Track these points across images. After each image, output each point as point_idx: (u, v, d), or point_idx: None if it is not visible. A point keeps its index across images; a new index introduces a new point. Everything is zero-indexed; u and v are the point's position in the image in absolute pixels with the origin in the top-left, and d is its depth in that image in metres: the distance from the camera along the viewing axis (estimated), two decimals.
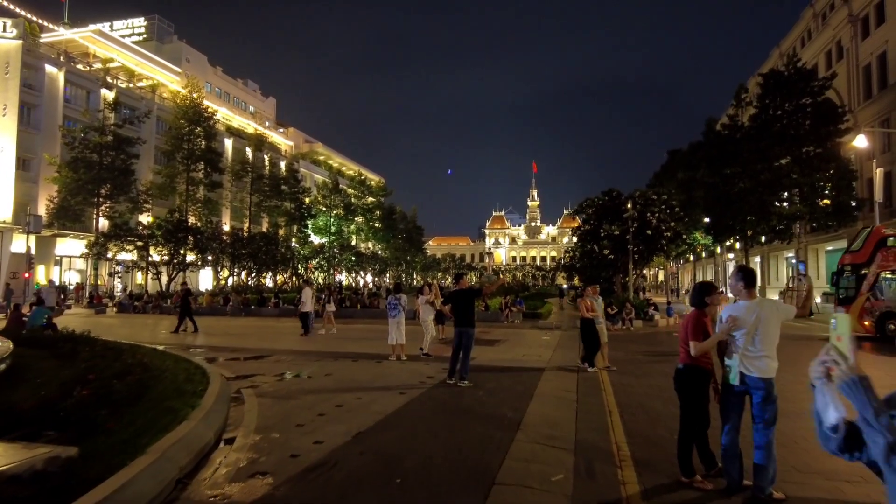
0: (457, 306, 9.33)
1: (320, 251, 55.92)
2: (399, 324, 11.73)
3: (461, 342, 9.28)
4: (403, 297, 12.06)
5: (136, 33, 61.97)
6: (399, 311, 11.75)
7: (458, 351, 9.25)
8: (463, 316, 9.35)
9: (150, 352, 10.41)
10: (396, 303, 11.77)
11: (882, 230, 18.82)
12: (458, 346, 9.26)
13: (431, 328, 12.73)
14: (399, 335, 11.69)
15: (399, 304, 11.76)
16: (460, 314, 9.32)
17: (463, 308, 9.35)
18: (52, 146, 42.56)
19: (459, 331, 9.28)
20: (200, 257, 39.22)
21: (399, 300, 11.84)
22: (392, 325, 11.74)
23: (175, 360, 9.46)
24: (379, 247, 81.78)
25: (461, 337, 9.26)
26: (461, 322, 9.30)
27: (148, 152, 51.71)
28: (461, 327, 9.29)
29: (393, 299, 11.92)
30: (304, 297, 18.08)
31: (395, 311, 11.75)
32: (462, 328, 9.30)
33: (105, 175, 40.37)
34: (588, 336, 11.50)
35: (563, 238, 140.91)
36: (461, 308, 9.35)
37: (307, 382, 9.10)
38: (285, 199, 57.93)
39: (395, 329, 11.69)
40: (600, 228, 31.90)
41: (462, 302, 9.37)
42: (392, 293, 12.46)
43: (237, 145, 62.91)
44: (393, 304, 11.80)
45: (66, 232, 42.83)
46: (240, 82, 74.92)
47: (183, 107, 47.93)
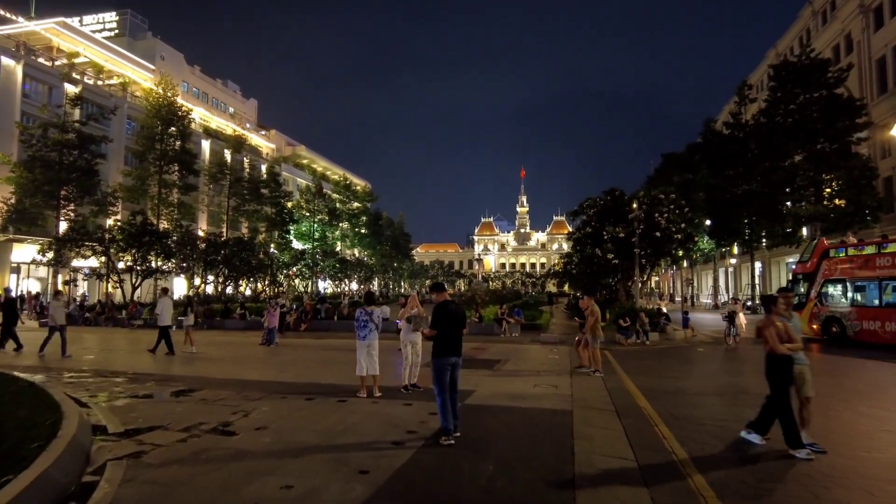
0: (447, 331, 6.47)
1: (301, 257, 52.78)
2: (370, 348, 8.80)
3: (454, 377, 6.45)
4: (378, 310, 9.07)
5: (107, 28, 58.74)
6: (371, 331, 8.81)
7: (452, 391, 6.41)
8: (456, 342, 6.51)
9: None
10: (367, 319, 8.79)
11: (825, 243, 21.11)
12: (452, 383, 6.42)
13: (411, 354, 9.65)
14: (371, 364, 8.76)
15: (371, 321, 8.82)
16: (452, 340, 6.48)
17: (456, 333, 6.53)
18: (7, 144, 39.15)
19: (450, 362, 6.43)
20: (167, 263, 35.94)
21: (371, 315, 8.86)
22: (361, 350, 8.79)
23: (28, 402, 6.45)
24: (365, 253, 78.85)
25: (454, 370, 6.43)
26: (452, 349, 6.45)
27: (118, 153, 48.51)
28: (452, 356, 6.45)
29: (362, 314, 8.90)
30: (161, 310, 14.99)
31: (364, 329, 8.79)
32: (454, 358, 6.47)
33: (66, 175, 37.11)
34: (781, 385, 6.20)
35: (552, 244, 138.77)
36: (453, 333, 6.52)
37: (227, 443, 6.13)
38: (266, 204, 55.33)
39: (365, 355, 8.75)
40: (602, 231, 29.20)
41: (455, 326, 6.54)
42: (361, 306, 9.30)
43: (215, 147, 59.82)
44: (363, 322, 8.83)
45: (22, 237, 39.42)
46: (219, 82, 71.76)
47: (155, 105, 44.84)
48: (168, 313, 15.03)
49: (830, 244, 20.89)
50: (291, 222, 56.76)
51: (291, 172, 76.41)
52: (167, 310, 15.03)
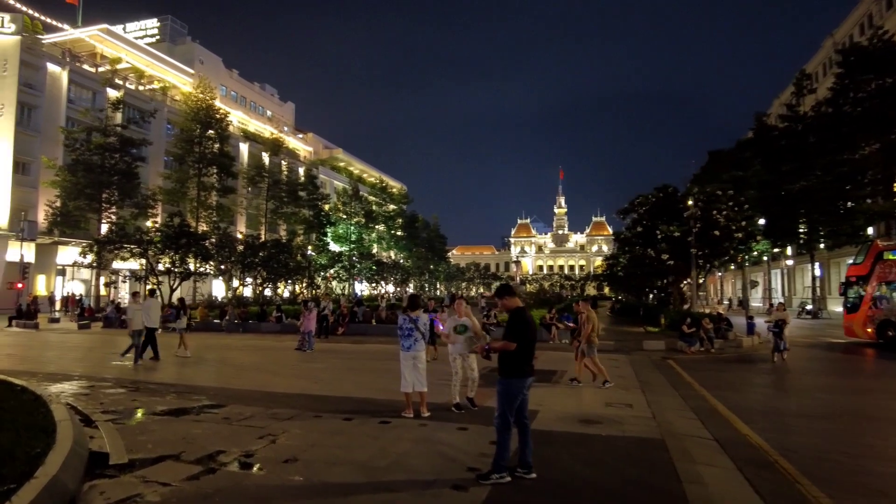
0: (527, 345, 5.17)
1: (338, 259, 52.30)
2: (416, 360, 7.53)
3: (524, 401, 5.16)
4: (424, 317, 7.79)
5: (148, 35, 59.70)
6: (416, 341, 7.54)
7: (521, 415, 5.12)
8: (532, 358, 5.21)
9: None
10: (412, 328, 7.52)
11: (879, 244, 20.70)
12: (521, 407, 5.12)
13: (462, 368, 8.20)
14: (417, 378, 7.48)
15: (415, 330, 7.54)
16: (530, 355, 5.18)
17: (533, 346, 5.23)
18: (52, 149, 39.85)
19: (527, 384, 5.13)
20: (205, 265, 35.71)
21: (416, 323, 7.56)
22: (405, 363, 7.53)
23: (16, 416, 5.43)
24: (400, 256, 78.14)
25: (523, 390, 5.13)
26: (530, 367, 5.16)
27: (157, 157, 49.05)
28: (530, 377, 5.16)
29: (406, 321, 7.66)
30: (147, 311, 13.95)
31: (408, 339, 7.53)
32: (531, 378, 5.18)
33: (107, 178, 37.44)
34: None
35: (591, 246, 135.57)
36: (532, 346, 5.23)
37: (247, 481, 4.96)
38: (303, 206, 55.26)
39: (411, 368, 7.48)
40: (655, 229, 27.34)
41: (534, 337, 5.25)
42: (405, 311, 7.93)
43: (253, 150, 60.10)
44: (406, 331, 7.56)
45: (67, 239, 39.98)
46: (256, 86, 72.25)
47: (194, 108, 45.04)
48: (155, 315, 14.27)
49: (885, 245, 20.59)
50: (328, 225, 56.55)
51: (328, 175, 76.45)
52: (154, 312, 14.28)
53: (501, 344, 5.08)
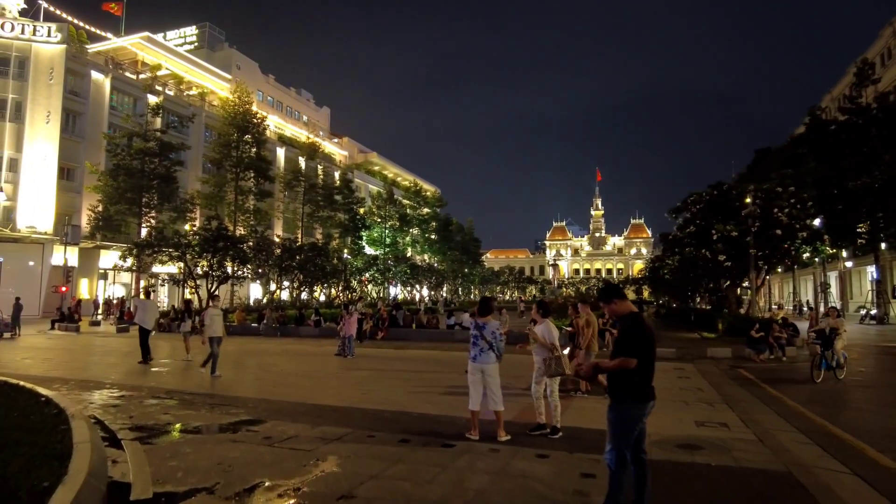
0: (649, 362, 4.07)
1: (374, 263, 51.79)
2: (485, 373, 6.42)
3: (642, 432, 4.06)
4: (493, 324, 6.56)
5: (187, 42, 60.59)
6: (482, 350, 6.42)
7: (637, 450, 4.03)
8: (651, 377, 4.10)
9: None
10: (477, 335, 6.43)
11: None
12: (638, 440, 4.03)
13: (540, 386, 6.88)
14: (491, 395, 6.40)
15: (481, 338, 6.42)
16: (651, 374, 4.07)
17: (653, 363, 4.10)
18: (96, 155, 40.50)
19: (648, 410, 4.04)
20: (243, 269, 35.49)
21: (482, 330, 6.43)
22: (473, 376, 6.46)
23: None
24: (434, 259, 77.32)
25: (642, 418, 4.03)
26: (651, 389, 4.07)
27: (196, 161, 49.49)
28: (651, 400, 4.06)
29: (473, 325, 6.60)
30: (142, 313, 13.88)
31: (474, 347, 6.44)
32: (652, 402, 4.08)
33: (147, 182, 37.72)
34: None
35: (630, 249, 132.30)
36: (653, 363, 4.10)
37: None
38: (339, 210, 55.02)
39: (477, 383, 6.40)
40: (711, 229, 25.67)
41: (654, 351, 4.12)
42: (475, 315, 6.73)
43: (289, 154, 60.29)
44: (473, 338, 6.49)
45: (108, 244, 40.48)
46: (293, 91, 72.64)
47: (231, 113, 45.20)
48: (151, 318, 13.91)
49: None
50: (364, 228, 56.19)
51: (363, 179, 76.33)
52: (151, 314, 13.93)
53: (617, 362, 3.96)
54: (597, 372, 4.14)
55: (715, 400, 9.72)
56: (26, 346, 18.98)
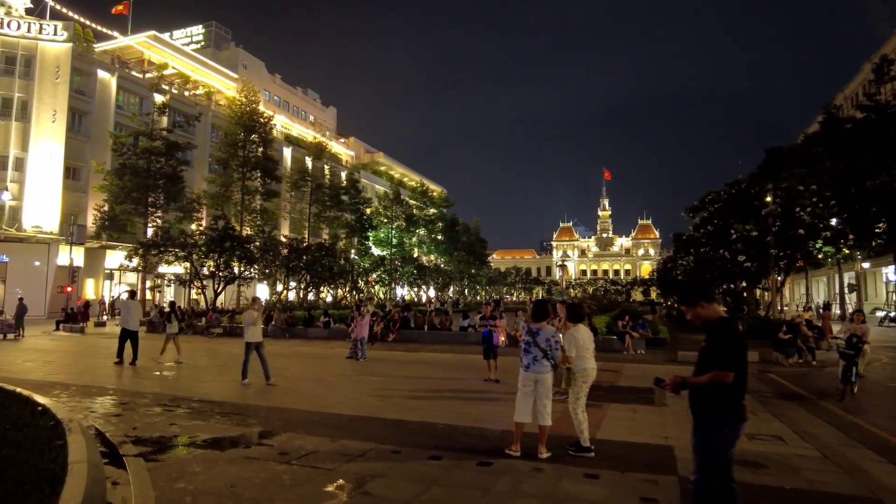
0: (745, 375, 3.42)
1: (381, 263, 51.29)
2: (540, 385, 5.81)
3: (732, 459, 3.44)
4: (550, 330, 5.91)
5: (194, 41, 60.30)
6: (535, 359, 5.79)
7: (727, 477, 3.41)
8: (744, 393, 3.46)
9: None
10: (530, 342, 5.78)
11: None
12: (727, 471, 3.41)
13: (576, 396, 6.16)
14: (541, 407, 5.79)
15: (534, 346, 5.78)
16: (745, 389, 3.43)
17: (746, 376, 3.46)
18: (102, 154, 40.13)
19: (735, 430, 3.42)
20: (249, 269, 35.01)
21: (535, 337, 5.80)
22: (525, 387, 5.83)
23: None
24: (441, 260, 76.74)
25: (734, 441, 3.42)
26: (742, 409, 3.43)
27: (202, 161, 49.11)
28: (743, 422, 3.43)
29: (525, 331, 5.92)
30: (125, 313, 13.78)
31: (527, 355, 5.83)
32: (744, 423, 3.44)
33: (153, 182, 37.31)
34: None
35: (637, 250, 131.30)
36: (746, 378, 3.45)
37: None
38: (345, 210, 54.58)
39: (528, 395, 5.79)
40: (729, 228, 24.98)
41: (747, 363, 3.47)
42: (530, 319, 6.07)
43: (296, 154, 59.89)
44: (525, 345, 5.86)
45: (114, 243, 40.11)
46: (299, 91, 72.23)
47: (238, 112, 44.78)
48: (136, 319, 13.66)
49: None
50: (370, 228, 55.72)
51: (370, 179, 75.86)
52: (135, 315, 13.74)
53: (711, 376, 3.33)
54: (682, 387, 3.52)
55: (755, 408, 9.07)
56: (29, 347, 18.51)
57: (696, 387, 3.43)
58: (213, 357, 16.60)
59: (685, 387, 3.51)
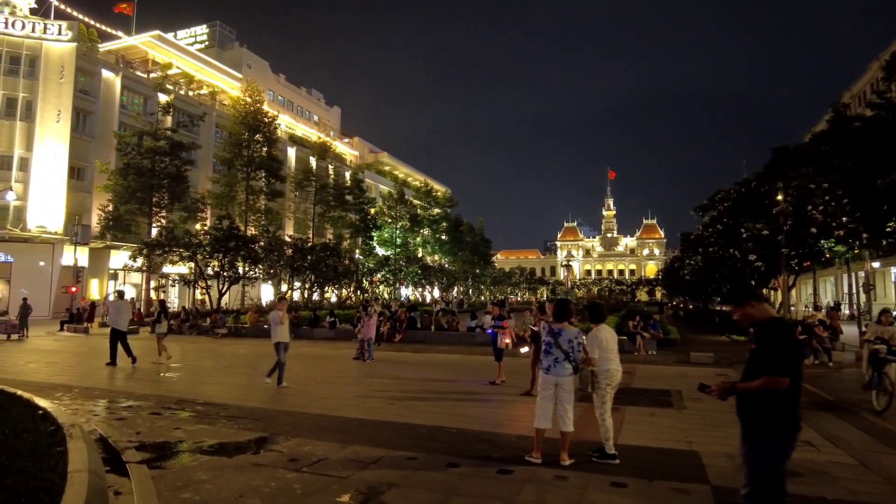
0: (799, 382, 3.15)
1: (385, 264, 51.06)
2: (561, 388, 5.52)
3: (785, 472, 3.16)
4: (573, 331, 5.62)
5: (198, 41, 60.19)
6: (556, 361, 5.51)
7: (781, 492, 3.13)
8: (799, 405, 3.18)
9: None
10: (551, 342, 5.52)
11: None
12: (780, 484, 3.13)
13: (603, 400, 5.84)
14: (562, 412, 5.52)
15: (556, 347, 5.50)
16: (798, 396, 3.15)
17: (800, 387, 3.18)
18: (105, 154, 40.02)
19: (790, 442, 3.14)
20: (254, 269, 34.83)
21: (557, 337, 5.52)
22: (544, 390, 5.56)
23: None
24: (445, 260, 76.49)
25: (790, 452, 3.14)
26: (797, 418, 3.15)
27: (206, 161, 48.97)
28: (798, 431, 3.16)
29: (546, 331, 5.66)
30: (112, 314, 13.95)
31: (548, 357, 5.56)
32: (799, 432, 3.17)
33: (157, 182, 37.14)
34: None
35: (642, 250, 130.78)
36: (800, 384, 3.17)
37: None
38: (350, 210, 54.37)
39: (548, 399, 5.52)
40: (740, 227, 24.65)
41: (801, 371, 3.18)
42: (553, 319, 5.77)
43: (300, 154, 59.70)
44: (546, 346, 5.60)
45: (118, 244, 39.98)
46: (303, 90, 72.08)
47: (242, 112, 44.60)
48: (125, 319, 13.62)
49: None
50: (375, 228, 55.48)
51: (374, 179, 75.65)
52: (124, 315, 13.68)
53: (763, 381, 3.06)
54: (729, 393, 3.25)
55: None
56: (33, 348, 18.34)
57: (745, 393, 3.16)
58: (218, 358, 16.40)
59: (733, 393, 3.24)
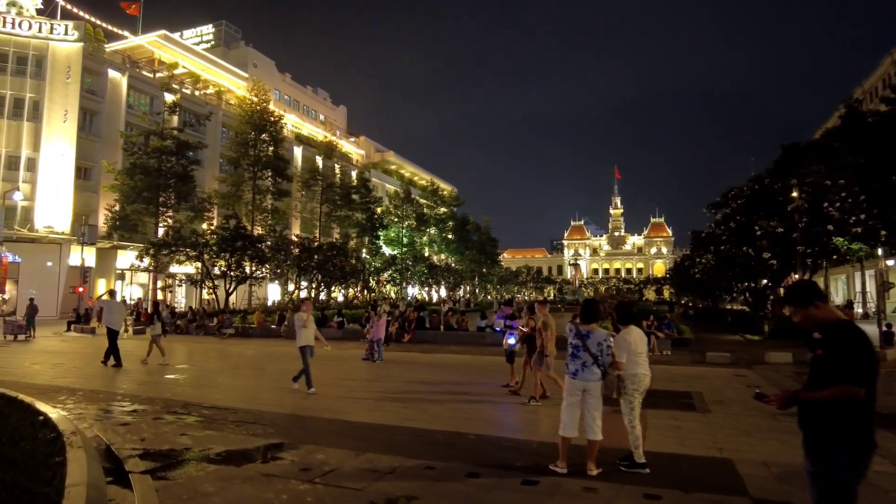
0: (875, 392, 2.82)
1: (392, 263, 50.82)
2: (589, 394, 5.19)
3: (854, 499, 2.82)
4: (601, 334, 5.30)
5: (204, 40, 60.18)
6: (584, 365, 5.20)
7: None
8: (873, 415, 2.84)
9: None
10: (579, 345, 5.21)
11: None
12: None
13: (629, 406, 5.48)
14: (590, 419, 5.19)
15: (584, 350, 5.19)
16: (873, 408, 2.82)
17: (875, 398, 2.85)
18: (112, 154, 39.99)
19: (867, 460, 2.80)
20: (261, 269, 34.66)
21: (586, 340, 5.22)
22: (571, 396, 5.24)
23: None
24: (452, 259, 76.18)
25: (866, 472, 2.80)
26: (872, 437, 2.81)
27: (213, 160, 48.89)
28: (875, 447, 2.82)
29: (573, 334, 5.36)
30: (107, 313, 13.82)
31: (575, 361, 5.23)
32: (873, 452, 2.82)
33: (164, 181, 37.05)
34: None
35: (650, 249, 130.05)
36: (875, 395, 2.83)
37: None
38: (356, 209, 54.16)
39: (574, 405, 5.21)
40: (754, 225, 24.22)
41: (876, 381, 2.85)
42: (580, 321, 5.45)
43: (307, 154, 59.61)
44: (573, 349, 5.28)
45: (125, 244, 39.94)
46: (309, 90, 71.95)
47: (249, 111, 44.46)
48: (118, 319, 13.65)
49: None
50: (381, 228, 55.25)
51: (380, 178, 75.46)
52: (117, 315, 13.66)
53: (835, 391, 2.73)
54: (792, 403, 2.93)
55: None
56: (39, 349, 18.19)
57: (811, 403, 2.84)
58: (225, 359, 16.19)
59: (795, 403, 2.92)
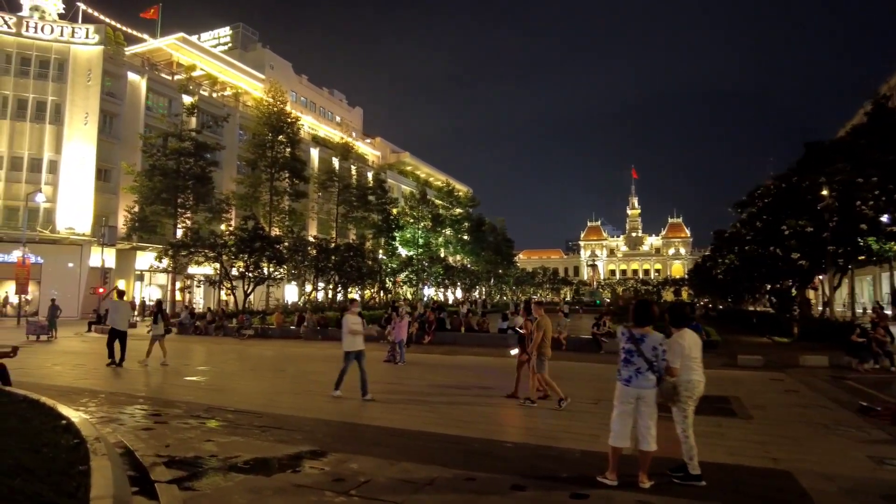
0: None
1: (408, 264, 50.63)
2: (643, 402, 4.85)
3: None
4: (657, 337, 4.94)
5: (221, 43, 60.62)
6: (638, 371, 4.84)
7: None
8: None
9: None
10: (633, 350, 4.86)
11: None
12: None
13: (681, 413, 5.11)
14: (644, 429, 4.84)
15: (638, 355, 4.85)
16: None
17: None
18: (131, 155, 40.31)
19: None
20: (279, 269, 34.64)
21: (640, 344, 4.87)
22: (623, 404, 4.89)
23: None
24: (467, 260, 75.82)
25: None
26: None
27: (230, 162, 49.13)
28: None
29: (626, 338, 4.98)
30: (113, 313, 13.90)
31: (628, 367, 4.88)
32: None
33: (182, 183, 37.20)
34: None
35: (668, 249, 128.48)
36: None
37: None
38: (372, 211, 54.01)
39: (627, 414, 4.87)
40: (782, 224, 23.56)
41: None
42: (632, 324, 5.05)
43: (323, 155, 59.71)
44: (626, 353, 4.93)
45: (144, 245, 40.20)
46: (325, 91, 72.13)
47: (266, 113, 44.56)
48: (124, 319, 13.43)
49: None
50: (397, 229, 55.08)
51: (396, 179, 75.42)
52: (123, 315, 13.50)
53: None
54: None
55: (857, 423, 7.98)
56: (60, 349, 18.21)
57: None
58: (245, 360, 16.02)
59: None
